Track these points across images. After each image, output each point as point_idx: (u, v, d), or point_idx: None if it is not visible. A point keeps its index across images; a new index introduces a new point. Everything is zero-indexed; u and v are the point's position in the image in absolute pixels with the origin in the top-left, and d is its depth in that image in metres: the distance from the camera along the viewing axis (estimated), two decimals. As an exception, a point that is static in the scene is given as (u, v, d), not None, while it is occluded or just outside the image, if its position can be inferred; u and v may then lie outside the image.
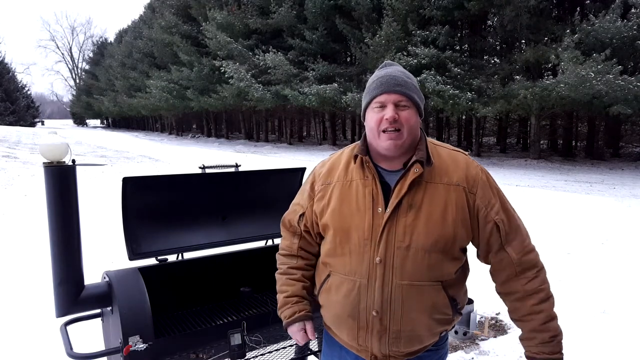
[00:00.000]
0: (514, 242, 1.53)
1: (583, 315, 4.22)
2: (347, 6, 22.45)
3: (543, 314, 1.52)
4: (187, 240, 2.53)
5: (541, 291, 1.52)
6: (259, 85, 25.78)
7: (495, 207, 1.52)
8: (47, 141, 1.94)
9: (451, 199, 1.49)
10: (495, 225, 1.51)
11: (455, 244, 1.50)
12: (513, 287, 1.55)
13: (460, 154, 1.59)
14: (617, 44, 14.86)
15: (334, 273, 1.58)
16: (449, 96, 17.25)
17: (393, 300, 1.47)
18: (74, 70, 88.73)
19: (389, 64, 1.61)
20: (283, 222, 1.78)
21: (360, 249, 1.49)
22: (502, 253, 1.54)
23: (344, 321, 1.56)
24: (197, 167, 2.63)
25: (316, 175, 1.67)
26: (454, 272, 1.53)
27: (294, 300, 1.68)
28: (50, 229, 1.97)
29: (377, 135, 1.50)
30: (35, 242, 6.05)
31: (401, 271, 1.46)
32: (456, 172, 1.52)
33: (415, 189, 1.48)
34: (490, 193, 1.54)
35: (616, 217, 8.55)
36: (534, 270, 1.53)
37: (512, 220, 1.55)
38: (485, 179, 1.55)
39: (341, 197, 1.55)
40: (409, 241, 1.46)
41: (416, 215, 1.47)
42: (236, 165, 2.72)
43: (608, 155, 20.42)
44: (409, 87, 1.51)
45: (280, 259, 1.76)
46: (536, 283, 1.52)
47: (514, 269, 1.53)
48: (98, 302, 2.11)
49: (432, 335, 1.56)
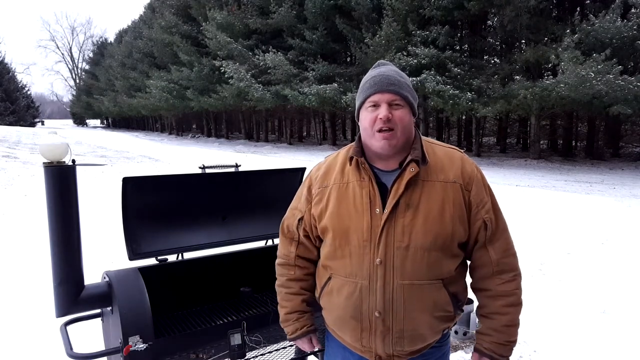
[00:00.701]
0: (497, 243, 1.56)
1: (583, 315, 4.22)
2: (347, 6, 22.46)
3: (508, 316, 1.56)
4: (187, 240, 2.53)
5: (513, 295, 1.56)
6: (259, 85, 25.79)
7: (487, 205, 1.55)
8: (47, 141, 1.94)
9: (448, 196, 1.50)
10: (483, 224, 1.54)
11: (454, 241, 1.51)
12: (487, 285, 1.58)
13: (455, 151, 1.61)
14: (617, 44, 14.87)
15: (334, 276, 1.58)
16: (449, 96, 17.26)
17: (395, 301, 1.48)
18: (74, 70, 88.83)
19: (382, 64, 1.61)
20: (281, 228, 1.77)
21: (360, 250, 1.50)
22: (483, 251, 1.57)
23: (346, 323, 1.56)
24: (197, 167, 2.63)
25: (312, 179, 1.67)
26: (453, 269, 1.54)
27: (295, 317, 1.72)
28: (50, 229, 1.97)
29: (372, 135, 1.50)
30: (35, 242, 6.05)
31: (402, 271, 1.47)
32: (452, 169, 1.54)
33: (412, 188, 1.49)
34: (483, 192, 1.56)
35: (616, 217, 8.56)
36: (511, 273, 1.57)
37: (499, 221, 1.57)
38: (480, 177, 1.57)
39: (339, 200, 1.55)
40: (408, 241, 1.46)
41: (414, 214, 1.47)
42: (236, 165, 2.72)
43: (608, 155, 20.43)
44: (402, 86, 1.51)
45: (279, 270, 1.77)
46: (510, 286, 1.56)
47: (492, 268, 1.56)
48: (98, 302, 2.11)
49: (435, 333, 1.57)
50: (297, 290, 1.71)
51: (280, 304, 1.76)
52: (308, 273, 1.72)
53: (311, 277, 1.72)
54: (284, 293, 1.74)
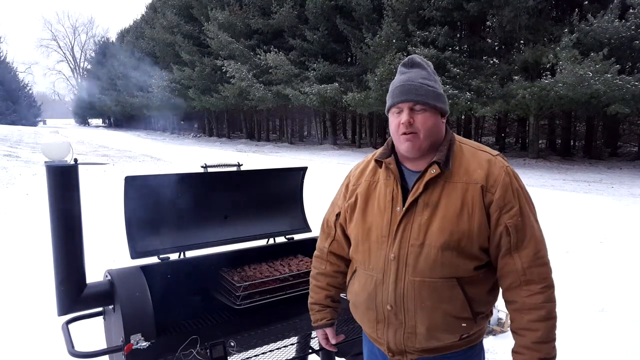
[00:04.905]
0: (524, 251, 1.48)
1: (582, 313, 4.24)
2: (348, 7, 22.49)
3: (538, 333, 1.46)
4: (189, 239, 2.54)
5: (542, 309, 1.46)
6: (261, 85, 25.83)
7: (512, 211, 1.48)
8: (49, 140, 1.95)
9: (468, 197, 1.49)
10: (505, 229, 1.47)
11: (473, 241, 1.48)
12: (514, 296, 1.51)
13: (485, 153, 1.57)
14: (615, 44, 14.90)
15: (358, 268, 1.67)
16: (448, 96, 17.25)
17: (406, 296, 1.52)
18: (75, 70, 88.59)
19: (410, 63, 1.61)
20: (322, 223, 1.88)
21: (378, 245, 1.57)
22: (507, 258, 1.50)
23: (365, 313, 1.65)
24: (198, 166, 2.65)
25: (350, 177, 1.78)
26: (472, 269, 1.51)
27: (317, 308, 1.86)
28: (52, 228, 1.97)
29: (397, 138, 1.57)
30: (37, 241, 6.08)
31: (414, 268, 1.50)
32: (477, 171, 1.51)
33: (432, 188, 1.52)
34: (511, 196, 1.49)
35: (614, 216, 8.57)
36: (540, 285, 1.47)
37: (527, 228, 1.49)
38: (509, 180, 1.51)
39: (367, 197, 1.65)
40: (423, 239, 1.49)
41: (432, 213, 1.50)
42: (238, 164, 2.73)
43: (606, 155, 20.43)
44: (424, 92, 1.53)
45: (313, 261, 1.90)
46: (539, 299, 1.46)
47: (518, 277, 1.48)
48: (100, 301, 2.11)
49: (449, 334, 1.54)
50: (323, 285, 1.84)
51: (309, 291, 1.90)
52: (338, 270, 1.82)
53: (340, 275, 1.83)
54: (313, 285, 1.88)
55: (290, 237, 2.94)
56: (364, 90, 21.10)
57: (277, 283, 2.50)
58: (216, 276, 2.54)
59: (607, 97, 14.58)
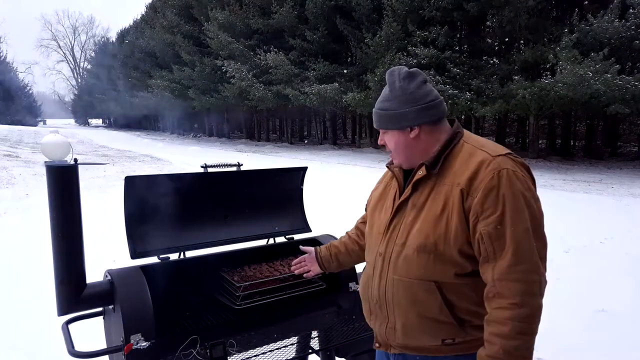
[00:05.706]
0: (499, 262, 1.39)
1: (581, 313, 4.25)
2: (348, 7, 22.49)
3: (495, 347, 1.37)
4: (189, 239, 2.54)
5: (505, 325, 1.36)
6: (261, 85, 25.83)
7: (490, 218, 1.39)
8: (49, 140, 1.95)
9: (449, 199, 1.47)
10: (480, 237, 1.41)
11: (450, 245, 1.45)
12: (487, 306, 1.43)
13: (483, 153, 1.48)
14: (615, 44, 14.90)
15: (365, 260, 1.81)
16: (448, 96, 17.26)
17: (387, 292, 1.59)
18: (75, 70, 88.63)
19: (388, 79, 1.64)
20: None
21: (375, 241, 1.69)
22: (485, 267, 1.43)
23: (363, 304, 1.77)
24: (198, 166, 2.65)
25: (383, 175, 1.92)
26: (452, 275, 1.47)
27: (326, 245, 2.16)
28: (52, 228, 1.97)
29: None
30: (37, 241, 6.08)
31: (395, 266, 1.57)
32: (464, 172, 1.46)
33: (421, 189, 1.56)
34: (493, 201, 1.39)
35: (614, 215, 8.58)
36: (509, 300, 1.36)
37: (506, 237, 1.38)
38: (496, 184, 1.40)
39: (379, 197, 1.79)
40: (405, 239, 1.55)
41: (417, 214, 1.54)
42: (238, 164, 2.73)
43: (606, 155, 20.43)
44: (378, 118, 1.65)
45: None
46: (504, 314, 1.36)
47: (489, 288, 1.41)
48: (100, 301, 2.11)
49: (427, 335, 1.53)
50: (344, 239, 2.12)
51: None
52: (356, 241, 2.06)
53: (356, 245, 2.05)
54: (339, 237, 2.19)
55: (290, 237, 2.94)
56: (364, 91, 21.10)
57: (277, 283, 2.50)
58: (216, 276, 2.54)
59: (607, 97, 14.57)
